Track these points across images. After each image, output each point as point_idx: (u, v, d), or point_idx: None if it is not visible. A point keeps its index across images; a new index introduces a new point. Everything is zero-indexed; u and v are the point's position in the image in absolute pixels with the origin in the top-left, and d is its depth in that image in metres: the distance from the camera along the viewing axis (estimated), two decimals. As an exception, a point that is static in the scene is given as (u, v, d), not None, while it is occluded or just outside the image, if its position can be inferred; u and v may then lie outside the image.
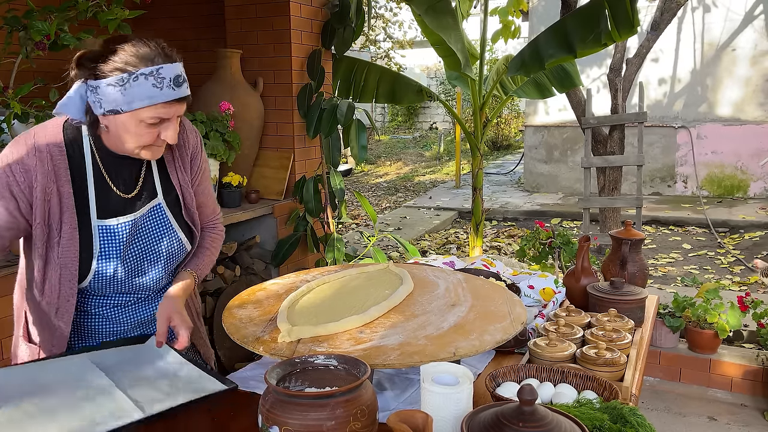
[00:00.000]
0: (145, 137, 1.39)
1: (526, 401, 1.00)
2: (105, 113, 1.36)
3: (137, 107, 1.34)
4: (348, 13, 3.76)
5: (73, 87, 1.38)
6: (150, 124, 1.37)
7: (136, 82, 1.32)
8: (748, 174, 8.54)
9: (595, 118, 5.11)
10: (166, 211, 1.56)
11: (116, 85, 1.32)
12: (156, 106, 1.35)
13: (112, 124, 1.38)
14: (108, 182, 1.48)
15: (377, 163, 13.72)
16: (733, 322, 3.54)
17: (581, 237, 2.00)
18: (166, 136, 1.41)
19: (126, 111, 1.34)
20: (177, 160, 1.59)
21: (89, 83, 1.35)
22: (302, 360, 1.19)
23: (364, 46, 14.43)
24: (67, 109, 1.39)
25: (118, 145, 1.43)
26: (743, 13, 8.30)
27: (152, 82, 1.33)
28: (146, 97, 1.33)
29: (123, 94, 1.32)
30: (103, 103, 1.34)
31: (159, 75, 1.34)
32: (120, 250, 1.49)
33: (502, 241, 7.06)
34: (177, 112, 1.40)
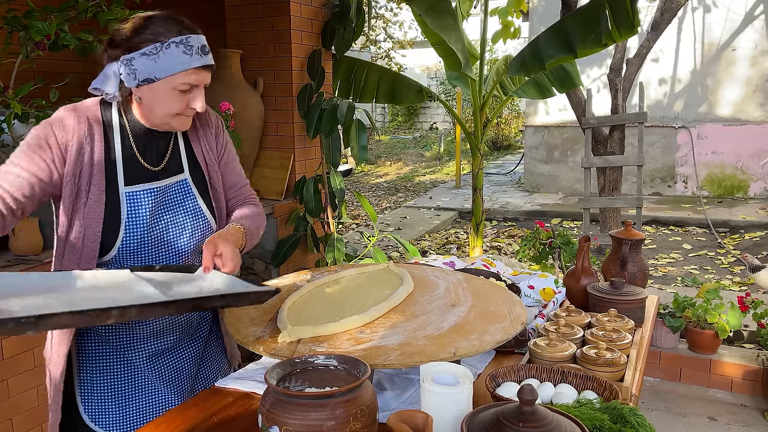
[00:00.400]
0: (176, 105, 1.47)
1: (526, 401, 1.00)
2: (139, 84, 1.44)
3: (170, 73, 1.43)
4: (348, 13, 3.76)
5: (106, 67, 1.47)
6: (181, 92, 1.46)
7: (168, 50, 1.42)
8: (749, 174, 8.54)
9: (595, 118, 5.11)
10: (192, 187, 1.62)
11: (150, 54, 1.41)
12: (187, 72, 1.44)
13: (145, 94, 1.47)
14: (136, 154, 1.55)
15: (377, 163, 13.72)
16: (733, 322, 3.54)
17: (581, 237, 2.00)
18: (195, 105, 1.49)
19: (160, 78, 1.43)
20: (202, 138, 1.67)
21: (123, 58, 1.43)
22: (302, 360, 1.19)
23: (365, 46, 14.43)
24: (103, 84, 1.47)
25: (150, 117, 1.51)
26: (743, 13, 8.30)
27: (182, 49, 1.42)
28: (178, 64, 1.42)
29: (156, 62, 1.42)
30: (138, 73, 1.43)
31: (188, 43, 1.43)
32: (146, 219, 1.53)
33: (503, 241, 7.06)
34: (204, 79, 1.49)
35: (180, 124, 1.53)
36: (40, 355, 2.56)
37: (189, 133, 1.64)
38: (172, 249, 1.58)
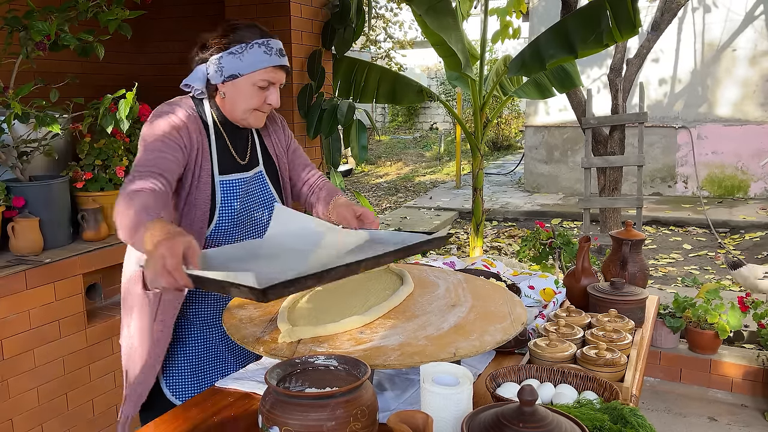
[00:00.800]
0: (255, 100, 1.67)
1: (526, 402, 1.00)
2: (224, 80, 1.65)
3: (253, 70, 1.63)
4: (348, 13, 3.76)
5: (195, 69, 1.68)
6: (260, 88, 1.66)
7: (252, 49, 1.62)
8: (749, 174, 8.54)
9: (595, 119, 5.11)
10: (266, 178, 1.83)
11: (236, 53, 1.62)
12: (267, 69, 1.64)
13: (229, 90, 1.66)
14: (229, 146, 1.75)
15: (377, 163, 13.72)
16: (733, 322, 3.54)
17: (581, 237, 2.00)
18: (271, 100, 1.69)
19: (243, 74, 1.63)
20: (272, 134, 1.88)
21: (212, 58, 1.64)
22: (302, 360, 1.19)
23: (365, 46, 14.42)
24: (193, 81, 1.68)
25: (232, 112, 1.70)
26: (743, 13, 8.30)
27: (264, 50, 1.63)
28: (259, 61, 1.63)
29: (241, 60, 1.62)
30: (224, 70, 1.64)
31: (269, 45, 1.65)
32: (236, 206, 1.73)
33: (503, 241, 7.06)
34: (280, 78, 1.69)
35: (256, 121, 1.72)
36: (40, 356, 2.56)
37: (261, 130, 1.85)
38: (254, 232, 1.80)
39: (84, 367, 2.77)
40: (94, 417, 2.84)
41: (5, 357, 2.44)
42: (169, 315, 1.69)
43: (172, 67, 4.40)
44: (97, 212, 2.86)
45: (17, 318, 2.47)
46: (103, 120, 2.49)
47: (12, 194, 2.62)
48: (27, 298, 2.50)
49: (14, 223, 2.59)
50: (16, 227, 2.58)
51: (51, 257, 2.62)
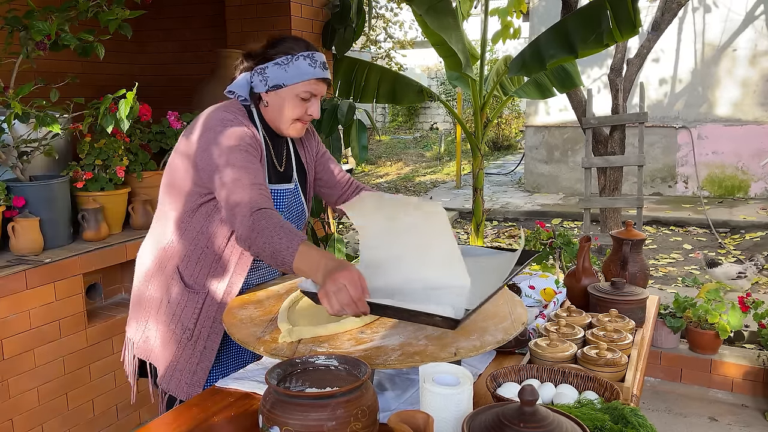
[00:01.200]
0: (297, 110, 1.70)
1: (527, 402, 1.00)
2: (268, 90, 1.68)
3: (297, 81, 1.66)
4: (348, 13, 3.76)
5: (240, 75, 1.72)
6: (302, 99, 1.69)
7: (297, 61, 1.66)
8: (749, 174, 8.54)
9: (595, 119, 5.11)
10: (299, 188, 1.86)
11: (281, 64, 1.66)
12: (310, 81, 1.67)
13: (272, 99, 1.70)
14: (272, 153, 1.79)
15: (378, 163, 13.72)
16: (734, 322, 3.54)
17: (582, 237, 2.00)
18: (312, 111, 1.71)
19: (287, 85, 1.67)
20: (305, 142, 1.92)
21: (257, 68, 1.68)
22: (303, 360, 1.19)
23: (365, 46, 14.41)
24: (238, 89, 1.71)
25: (273, 121, 1.74)
26: (744, 13, 8.29)
27: (308, 62, 1.67)
28: (304, 73, 1.66)
29: (286, 71, 1.66)
30: (269, 80, 1.67)
31: (313, 58, 1.68)
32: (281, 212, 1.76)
33: (503, 241, 7.06)
34: (322, 91, 1.72)
35: (297, 131, 1.75)
36: (40, 355, 2.56)
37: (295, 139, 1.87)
38: None
39: (84, 367, 2.77)
40: (95, 417, 2.84)
41: (5, 357, 2.44)
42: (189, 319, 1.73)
43: (172, 67, 4.40)
44: (97, 212, 2.86)
45: (17, 318, 2.47)
46: (104, 120, 2.49)
47: (12, 194, 2.62)
48: (27, 298, 2.50)
49: (14, 222, 2.59)
50: (16, 227, 2.58)
51: (51, 257, 2.62)
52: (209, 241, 1.71)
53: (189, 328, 1.72)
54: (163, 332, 1.75)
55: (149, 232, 1.86)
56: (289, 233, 1.42)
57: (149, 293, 1.79)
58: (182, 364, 1.74)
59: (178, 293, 1.73)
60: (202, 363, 1.74)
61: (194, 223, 1.71)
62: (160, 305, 1.76)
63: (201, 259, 1.72)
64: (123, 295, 3.18)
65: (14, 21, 2.51)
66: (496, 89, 4.90)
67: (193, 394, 1.72)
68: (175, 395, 1.76)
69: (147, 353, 1.81)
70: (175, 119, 3.20)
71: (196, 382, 1.75)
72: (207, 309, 1.73)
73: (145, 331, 1.80)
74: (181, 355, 1.74)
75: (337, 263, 1.33)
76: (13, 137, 2.65)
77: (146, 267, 1.82)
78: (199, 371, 1.75)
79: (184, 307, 1.73)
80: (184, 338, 1.73)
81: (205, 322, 1.73)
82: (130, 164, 3.05)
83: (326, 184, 1.97)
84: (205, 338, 1.74)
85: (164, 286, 1.76)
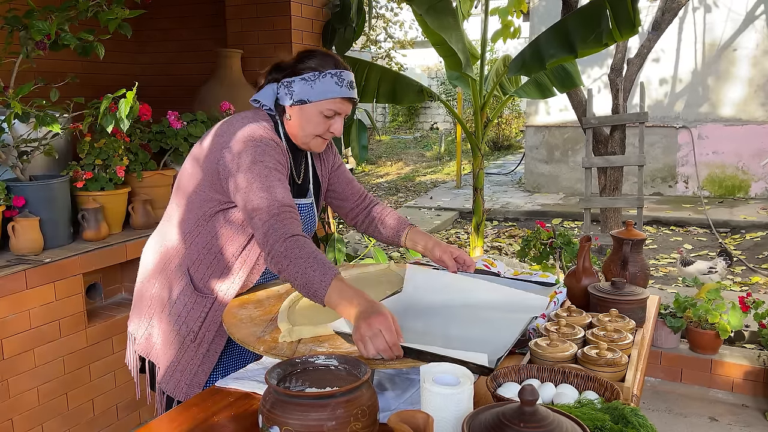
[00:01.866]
0: (320, 127, 1.69)
1: (527, 401, 1.00)
2: (293, 104, 1.67)
3: (322, 98, 1.65)
4: (349, 13, 3.76)
5: (267, 86, 1.71)
6: (326, 116, 1.67)
7: (324, 78, 1.65)
8: (750, 174, 8.53)
9: (596, 118, 5.10)
10: (314, 202, 1.87)
11: (308, 80, 1.65)
12: (335, 100, 1.66)
13: (296, 114, 1.68)
14: (292, 166, 1.77)
15: (378, 163, 13.72)
16: (734, 322, 3.54)
17: (582, 237, 1.99)
18: (334, 129, 1.71)
19: (312, 101, 1.65)
20: (323, 155, 1.91)
21: (284, 80, 1.67)
22: (303, 360, 1.19)
23: (365, 46, 14.41)
24: (263, 98, 1.71)
25: (296, 135, 1.72)
26: (744, 13, 8.29)
27: (335, 80, 1.65)
28: (330, 91, 1.65)
29: (312, 87, 1.65)
30: (294, 95, 1.66)
31: (341, 77, 1.66)
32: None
33: (503, 241, 7.06)
34: (347, 110, 1.71)
35: (317, 146, 1.74)
36: (40, 355, 2.56)
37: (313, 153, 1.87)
38: None
39: (84, 366, 2.77)
40: (95, 417, 2.84)
41: (5, 357, 2.44)
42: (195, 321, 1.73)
43: (172, 67, 4.40)
44: (97, 212, 2.86)
45: (17, 318, 2.47)
46: (104, 119, 2.49)
47: (12, 194, 2.62)
48: (27, 298, 2.50)
49: (14, 222, 2.58)
50: (16, 227, 2.58)
51: (51, 257, 2.62)
52: (224, 248, 1.71)
53: (194, 330, 1.72)
54: (167, 332, 1.75)
55: (157, 230, 1.86)
56: (323, 266, 1.41)
57: (154, 291, 1.78)
58: (183, 365, 1.74)
59: (185, 295, 1.73)
60: (203, 365, 1.74)
61: (209, 228, 1.71)
62: (166, 304, 1.76)
63: (213, 264, 1.72)
64: (123, 294, 3.18)
65: (14, 20, 2.51)
66: (497, 89, 4.89)
67: (191, 395, 1.72)
68: (173, 396, 1.75)
69: (148, 351, 1.81)
70: (175, 119, 3.19)
71: (196, 383, 1.75)
72: (214, 312, 1.73)
73: (148, 328, 1.80)
74: (183, 356, 1.74)
75: (370, 305, 1.33)
76: (13, 137, 2.65)
77: (150, 264, 1.81)
78: (200, 373, 1.75)
79: (190, 309, 1.73)
80: (187, 340, 1.73)
81: (211, 326, 1.73)
82: (130, 164, 3.05)
83: (339, 196, 1.98)
84: (209, 341, 1.73)
85: (171, 286, 1.75)
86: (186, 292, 1.73)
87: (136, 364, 1.87)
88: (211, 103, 3.54)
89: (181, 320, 1.73)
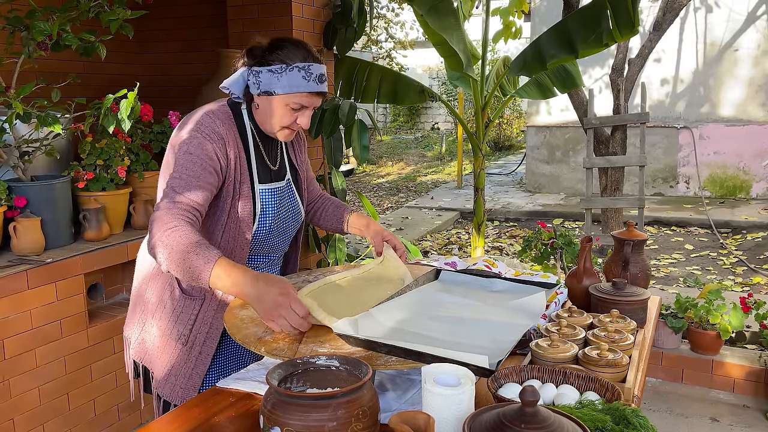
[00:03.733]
0: (286, 119, 1.67)
1: (528, 402, 1.00)
2: (260, 94, 1.66)
3: (287, 92, 1.63)
4: (350, 13, 3.76)
5: (239, 71, 1.69)
6: (292, 109, 1.66)
7: (291, 72, 1.62)
8: (751, 174, 8.52)
9: (597, 119, 5.10)
10: (292, 185, 1.87)
11: (275, 72, 1.62)
12: (302, 93, 1.64)
13: (263, 103, 1.68)
14: (263, 155, 1.77)
15: (379, 163, 13.72)
16: (735, 323, 3.53)
17: (583, 237, 1.99)
18: (301, 122, 1.69)
19: (278, 94, 1.64)
20: (296, 145, 1.93)
21: (253, 69, 1.65)
22: (304, 361, 1.19)
23: (366, 46, 14.41)
24: (232, 86, 1.68)
25: (263, 123, 1.72)
26: (746, 13, 8.28)
27: (302, 74, 1.63)
28: (296, 86, 1.63)
29: (279, 80, 1.62)
30: (261, 85, 1.64)
31: (309, 70, 1.64)
32: (272, 214, 1.77)
33: (504, 241, 7.06)
34: (315, 103, 1.69)
35: (284, 137, 1.73)
36: (42, 355, 2.56)
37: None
38: (285, 239, 1.86)
39: (85, 367, 2.77)
40: (96, 417, 2.84)
41: (6, 357, 2.44)
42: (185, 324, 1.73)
43: (174, 67, 4.40)
44: (98, 212, 2.86)
45: (18, 318, 2.47)
46: (105, 120, 2.49)
47: (14, 194, 2.62)
48: (28, 298, 2.50)
49: (16, 222, 2.59)
50: (17, 227, 2.58)
51: (52, 257, 2.62)
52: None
53: (185, 334, 1.72)
54: (160, 336, 1.75)
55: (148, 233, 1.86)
56: (201, 252, 1.43)
57: (147, 296, 1.79)
58: (177, 369, 1.74)
59: (175, 298, 1.73)
60: (197, 368, 1.74)
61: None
62: (157, 308, 1.76)
63: None
64: (124, 294, 3.18)
65: (16, 21, 2.51)
66: (498, 89, 4.89)
67: (187, 398, 1.72)
68: (170, 400, 1.75)
69: (142, 355, 1.81)
70: (176, 119, 3.20)
71: (191, 386, 1.75)
72: (204, 314, 1.73)
73: (142, 333, 1.80)
74: (176, 360, 1.74)
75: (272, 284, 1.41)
76: (15, 137, 2.65)
77: (144, 268, 1.82)
78: (195, 376, 1.75)
79: (180, 312, 1.73)
80: (179, 343, 1.73)
81: (202, 328, 1.73)
82: (132, 164, 3.05)
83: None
84: (201, 344, 1.73)
85: (162, 290, 1.75)
86: (174, 295, 1.73)
87: (131, 369, 1.86)
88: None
89: (171, 323, 1.73)
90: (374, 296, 1.62)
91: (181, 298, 1.73)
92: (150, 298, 1.77)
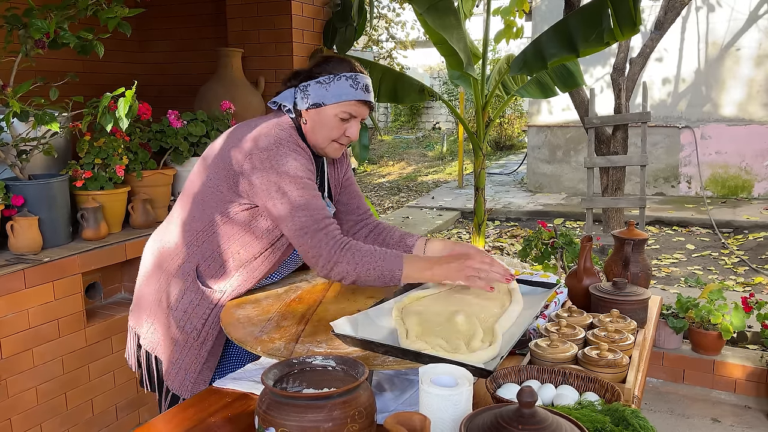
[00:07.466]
0: (335, 131, 1.70)
1: (525, 403, 0.99)
2: (309, 107, 1.69)
3: (336, 101, 1.66)
4: (350, 12, 3.75)
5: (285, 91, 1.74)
6: (341, 119, 1.68)
7: (339, 81, 1.67)
8: (752, 174, 8.51)
9: (598, 118, 5.09)
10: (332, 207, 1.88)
11: (323, 83, 1.67)
12: (350, 102, 1.67)
13: (311, 117, 1.70)
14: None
15: (380, 163, 13.71)
16: (737, 323, 3.52)
17: (583, 237, 1.98)
18: (350, 133, 1.71)
19: (327, 104, 1.67)
20: (337, 162, 1.92)
21: (300, 85, 1.70)
22: (300, 361, 1.17)
23: (367, 46, 14.41)
24: (283, 100, 1.73)
25: (312, 139, 1.72)
26: (747, 12, 8.27)
27: (350, 83, 1.67)
28: (344, 94, 1.67)
29: (327, 90, 1.67)
30: (310, 98, 1.68)
31: (356, 80, 1.68)
32: None
33: (505, 241, 7.05)
34: (363, 113, 1.72)
35: (334, 152, 1.75)
36: (39, 355, 2.55)
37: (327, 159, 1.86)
38: None
39: (83, 366, 2.76)
40: (94, 416, 2.83)
41: (4, 356, 2.43)
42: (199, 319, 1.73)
43: (172, 66, 4.39)
44: (96, 211, 2.85)
45: (16, 317, 2.46)
46: (103, 118, 2.48)
47: (11, 193, 2.61)
48: (26, 297, 2.49)
49: (13, 221, 2.58)
50: (15, 226, 2.57)
51: (50, 256, 2.61)
52: (241, 249, 1.70)
53: (197, 328, 1.72)
54: (172, 330, 1.75)
55: (157, 231, 1.85)
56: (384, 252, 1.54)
57: (157, 290, 1.77)
58: (188, 363, 1.74)
59: (191, 292, 1.72)
60: (208, 362, 1.75)
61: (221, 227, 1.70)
62: (170, 304, 1.75)
63: (226, 264, 1.71)
64: (123, 294, 3.17)
65: (13, 19, 2.50)
66: (499, 89, 4.88)
67: (196, 392, 1.72)
68: (179, 393, 1.76)
69: (153, 347, 1.80)
70: (175, 118, 3.18)
71: (201, 381, 1.75)
72: (218, 310, 1.73)
73: (152, 327, 1.79)
74: (187, 354, 1.74)
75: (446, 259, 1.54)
76: (12, 136, 2.64)
77: (152, 265, 1.80)
78: (205, 370, 1.75)
79: (196, 306, 1.72)
80: (191, 338, 1.72)
81: (215, 323, 1.73)
82: (130, 163, 3.04)
83: (344, 208, 1.94)
84: (213, 338, 1.74)
85: (174, 285, 1.74)
86: (192, 289, 1.72)
87: (135, 359, 1.86)
88: (212, 102, 3.53)
89: (186, 318, 1.73)
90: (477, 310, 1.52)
91: (198, 293, 1.72)
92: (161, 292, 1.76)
